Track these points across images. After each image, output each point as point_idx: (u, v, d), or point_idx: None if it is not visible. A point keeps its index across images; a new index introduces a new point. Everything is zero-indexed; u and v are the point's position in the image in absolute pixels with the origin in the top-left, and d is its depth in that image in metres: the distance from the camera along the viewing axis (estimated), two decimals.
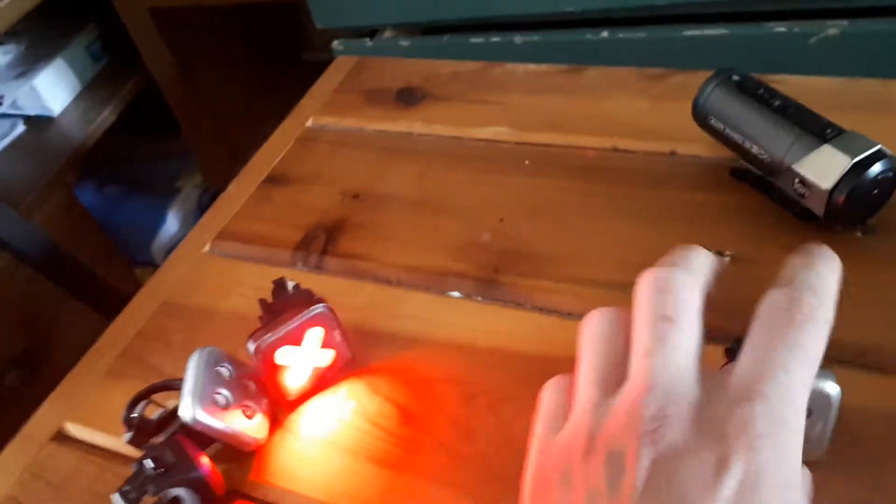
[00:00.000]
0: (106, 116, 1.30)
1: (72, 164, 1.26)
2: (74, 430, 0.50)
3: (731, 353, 0.39)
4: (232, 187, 0.66)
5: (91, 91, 1.37)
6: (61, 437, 0.50)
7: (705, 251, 0.36)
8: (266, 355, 0.45)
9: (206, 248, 0.61)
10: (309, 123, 0.71)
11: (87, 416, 0.50)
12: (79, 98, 1.36)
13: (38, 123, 1.32)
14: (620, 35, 0.79)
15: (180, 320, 0.55)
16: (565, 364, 0.46)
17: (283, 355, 0.45)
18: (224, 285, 0.57)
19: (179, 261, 0.60)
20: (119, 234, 1.37)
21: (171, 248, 1.41)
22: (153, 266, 1.37)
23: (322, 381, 0.48)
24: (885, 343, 0.43)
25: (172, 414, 0.45)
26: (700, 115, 0.54)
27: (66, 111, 1.34)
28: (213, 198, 1.52)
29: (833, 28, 0.71)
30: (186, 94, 1.35)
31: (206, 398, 0.42)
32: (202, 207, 1.46)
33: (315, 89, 0.75)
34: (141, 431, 0.44)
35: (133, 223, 1.40)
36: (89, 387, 0.52)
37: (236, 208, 0.63)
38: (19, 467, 0.48)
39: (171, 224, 1.41)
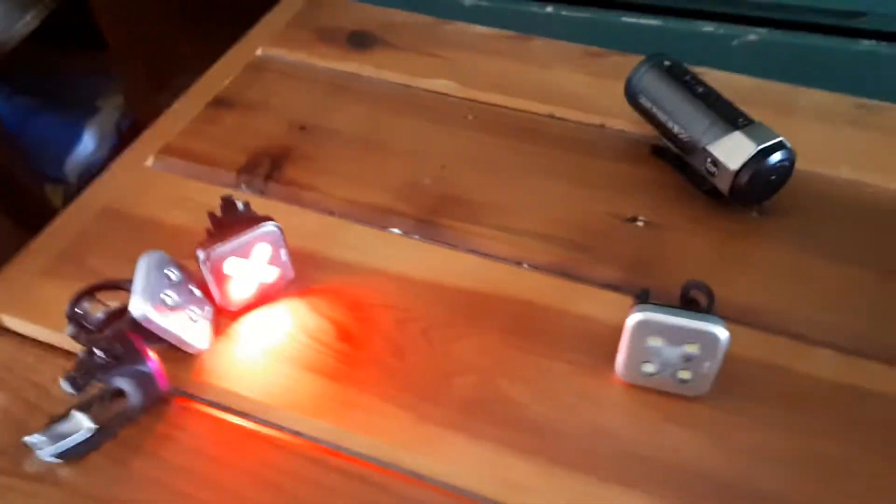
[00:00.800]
0: (28, 21, 1.24)
1: None
2: (10, 322, 0.50)
3: (638, 300, 0.44)
4: (177, 104, 0.66)
5: None
6: None
7: None
8: (215, 264, 0.47)
9: (150, 161, 0.61)
10: (258, 52, 0.72)
11: (24, 309, 0.51)
12: None
13: None
14: (563, 13, 0.84)
15: (122, 228, 0.56)
16: (493, 301, 0.51)
17: (230, 266, 0.47)
18: (167, 199, 0.58)
19: (121, 170, 0.61)
20: (30, 148, 1.31)
21: (86, 167, 1.37)
22: (65, 183, 1.32)
23: (264, 297, 0.50)
24: (764, 305, 0.50)
25: (117, 313, 0.46)
26: (631, 93, 0.60)
27: None
28: (133, 123, 1.46)
29: (753, 34, 0.78)
30: (118, 11, 1.30)
31: (155, 297, 0.44)
32: (120, 131, 1.41)
33: (266, 21, 0.76)
34: (83, 327, 0.46)
35: (46, 137, 1.34)
36: (25, 283, 0.52)
37: (181, 125, 0.64)
38: None
39: (88, 143, 1.36)
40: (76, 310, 0.46)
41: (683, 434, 0.44)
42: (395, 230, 0.56)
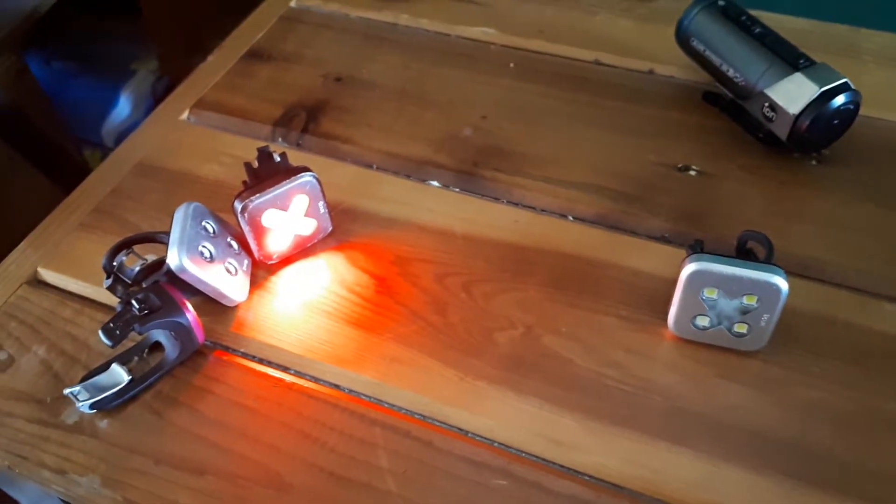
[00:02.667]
0: None
1: (20, 30, 1.20)
2: (48, 275, 0.50)
3: (692, 249, 0.42)
4: (211, 58, 0.65)
5: None
6: (35, 282, 0.50)
7: None
8: (253, 216, 0.46)
9: (184, 115, 0.60)
10: (292, 3, 0.70)
11: (61, 264, 0.50)
12: None
13: None
14: None
15: (157, 181, 0.55)
16: (537, 254, 0.49)
17: (268, 218, 0.46)
18: (202, 152, 0.57)
19: (156, 125, 0.60)
20: (68, 112, 1.32)
21: (122, 132, 1.37)
22: (103, 148, 1.32)
23: (302, 250, 0.49)
24: (824, 257, 0.47)
25: (154, 266, 0.46)
26: (682, 36, 0.57)
27: None
28: (168, 86, 1.46)
29: None
30: None
31: (192, 249, 0.43)
32: (156, 94, 1.41)
33: None
34: (120, 280, 0.45)
35: (83, 102, 1.34)
36: (62, 237, 0.52)
37: (215, 79, 0.63)
38: None
39: (124, 107, 1.36)
40: (113, 263, 0.45)
41: (737, 390, 0.42)
42: (435, 183, 0.54)
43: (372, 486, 0.39)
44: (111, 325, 0.41)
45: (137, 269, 0.45)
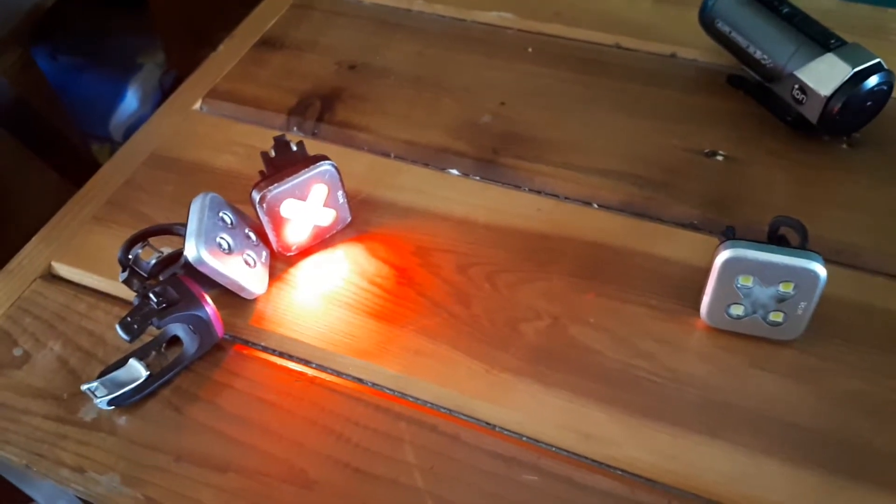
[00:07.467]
0: None
1: (26, 23, 1.18)
2: (62, 269, 0.49)
3: (725, 236, 0.41)
4: (223, 47, 0.64)
5: None
6: (49, 276, 0.49)
7: None
8: (271, 206, 0.44)
9: (197, 105, 0.59)
10: None
11: (75, 257, 0.49)
12: None
13: None
14: None
15: (171, 172, 0.54)
16: (561, 242, 0.48)
17: (287, 208, 0.45)
18: (216, 142, 0.56)
19: (168, 115, 0.59)
20: (76, 107, 1.31)
21: (130, 126, 1.36)
22: (111, 143, 1.31)
23: (321, 241, 0.48)
24: (857, 242, 0.46)
25: (170, 258, 0.44)
26: (707, 18, 0.55)
27: None
28: (175, 79, 1.45)
29: None
30: None
31: (210, 240, 0.42)
32: (164, 88, 1.40)
33: None
34: (136, 273, 0.44)
35: (91, 96, 1.33)
36: (76, 230, 0.51)
37: (227, 68, 0.61)
38: (6, 302, 0.47)
39: (131, 101, 1.35)
40: (128, 256, 0.44)
41: (772, 381, 0.41)
42: (454, 171, 0.53)
43: (399, 482, 0.38)
44: (128, 319, 0.40)
45: (153, 261, 0.44)
